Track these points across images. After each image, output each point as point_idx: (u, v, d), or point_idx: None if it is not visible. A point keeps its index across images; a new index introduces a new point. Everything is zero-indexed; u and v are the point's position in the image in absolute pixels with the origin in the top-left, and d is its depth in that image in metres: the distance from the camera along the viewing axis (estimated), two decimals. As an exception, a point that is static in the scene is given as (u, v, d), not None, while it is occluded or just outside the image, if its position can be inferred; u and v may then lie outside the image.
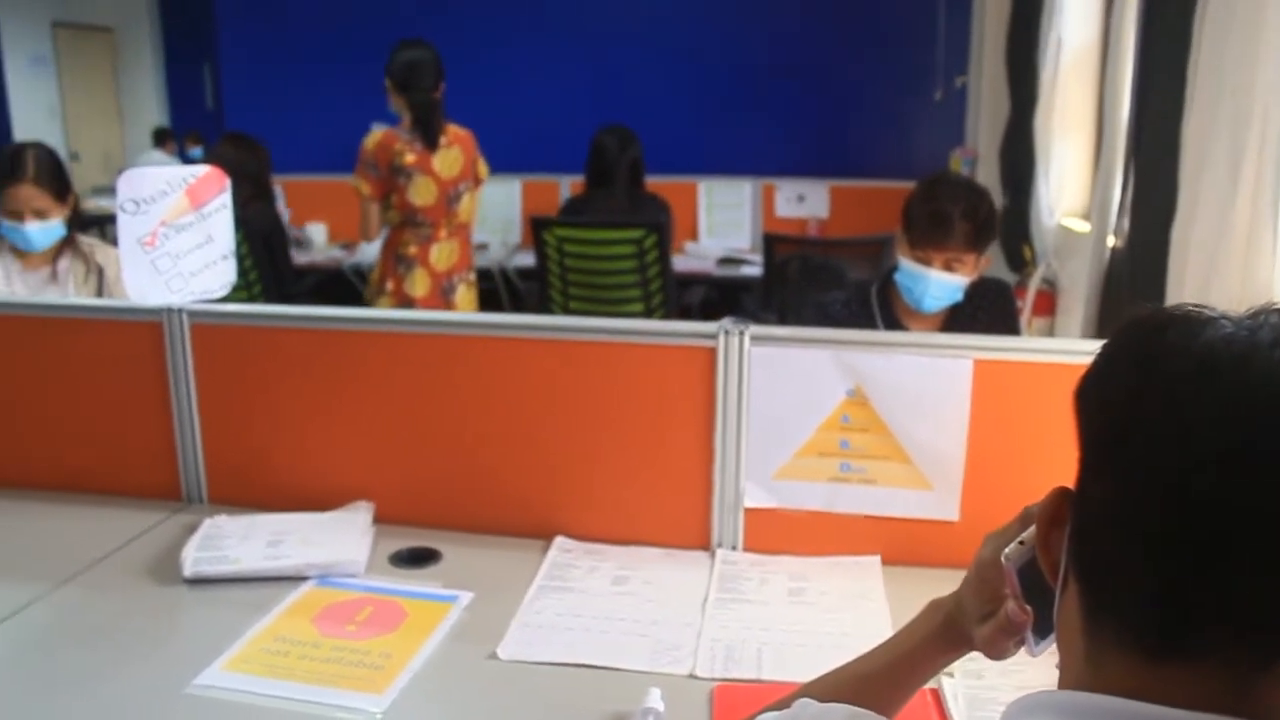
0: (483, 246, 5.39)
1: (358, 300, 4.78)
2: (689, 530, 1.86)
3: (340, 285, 5.15)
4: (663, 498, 1.86)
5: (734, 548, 1.85)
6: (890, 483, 1.79)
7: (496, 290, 5.16)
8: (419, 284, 3.86)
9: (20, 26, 10.57)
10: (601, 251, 4.36)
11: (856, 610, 1.66)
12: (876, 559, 1.80)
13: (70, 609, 1.68)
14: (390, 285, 3.84)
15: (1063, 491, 0.79)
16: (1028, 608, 0.94)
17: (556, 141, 5.50)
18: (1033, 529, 0.88)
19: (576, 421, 1.86)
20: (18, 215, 2.73)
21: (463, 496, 1.93)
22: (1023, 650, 0.98)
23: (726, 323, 1.78)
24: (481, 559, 1.83)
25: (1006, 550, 0.95)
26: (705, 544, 1.86)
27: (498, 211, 5.88)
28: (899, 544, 1.80)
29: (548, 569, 1.79)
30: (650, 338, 1.81)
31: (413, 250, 3.84)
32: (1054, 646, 0.86)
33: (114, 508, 2.03)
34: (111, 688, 1.44)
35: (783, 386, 1.78)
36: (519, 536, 1.89)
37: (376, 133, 3.79)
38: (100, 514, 2.01)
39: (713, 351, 1.77)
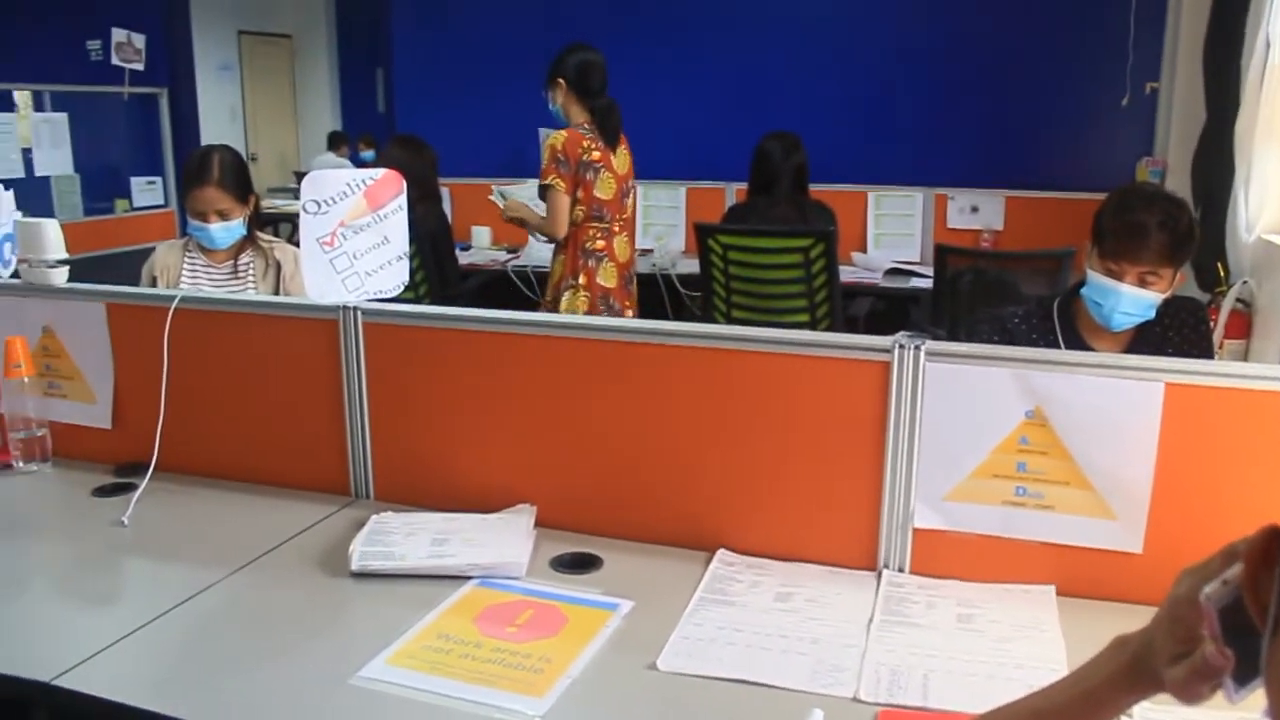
0: (647, 252, 5.42)
1: (520, 301, 4.86)
2: (855, 549, 1.80)
3: (503, 286, 5.24)
4: (829, 514, 1.81)
5: (901, 569, 1.79)
6: (1069, 510, 1.70)
7: (660, 296, 5.16)
8: (609, 275, 3.94)
9: (211, 35, 11.21)
10: (767, 260, 4.31)
11: (1029, 641, 1.58)
12: (1051, 589, 1.71)
13: (242, 596, 1.73)
14: (582, 279, 3.90)
15: (1274, 530, 0.73)
16: (1228, 651, 0.87)
17: (722, 147, 5.48)
18: (1238, 567, 0.82)
19: (742, 433, 1.83)
20: (203, 216, 2.87)
21: (624, 504, 1.92)
22: (1219, 696, 0.91)
23: (901, 337, 1.71)
24: (642, 568, 1.82)
25: (1207, 589, 0.88)
26: (871, 564, 1.80)
27: (662, 217, 5.91)
28: (1076, 574, 1.71)
29: (709, 581, 1.76)
30: (822, 350, 1.76)
31: (600, 244, 3.92)
32: (1257, 693, 0.79)
33: (286, 499, 2.11)
34: (279, 674, 1.48)
35: (958, 405, 1.71)
36: (681, 547, 1.87)
37: (562, 132, 3.85)
38: (273, 505, 2.09)
39: (886, 366, 1.72)
